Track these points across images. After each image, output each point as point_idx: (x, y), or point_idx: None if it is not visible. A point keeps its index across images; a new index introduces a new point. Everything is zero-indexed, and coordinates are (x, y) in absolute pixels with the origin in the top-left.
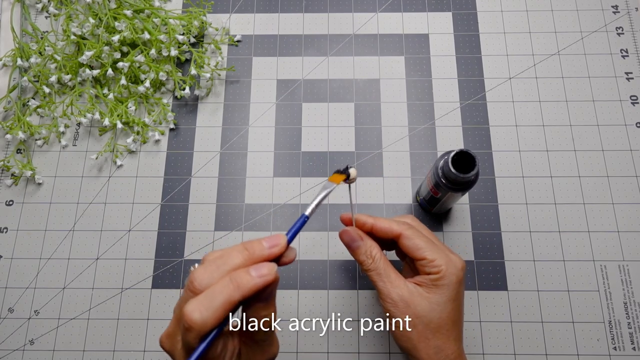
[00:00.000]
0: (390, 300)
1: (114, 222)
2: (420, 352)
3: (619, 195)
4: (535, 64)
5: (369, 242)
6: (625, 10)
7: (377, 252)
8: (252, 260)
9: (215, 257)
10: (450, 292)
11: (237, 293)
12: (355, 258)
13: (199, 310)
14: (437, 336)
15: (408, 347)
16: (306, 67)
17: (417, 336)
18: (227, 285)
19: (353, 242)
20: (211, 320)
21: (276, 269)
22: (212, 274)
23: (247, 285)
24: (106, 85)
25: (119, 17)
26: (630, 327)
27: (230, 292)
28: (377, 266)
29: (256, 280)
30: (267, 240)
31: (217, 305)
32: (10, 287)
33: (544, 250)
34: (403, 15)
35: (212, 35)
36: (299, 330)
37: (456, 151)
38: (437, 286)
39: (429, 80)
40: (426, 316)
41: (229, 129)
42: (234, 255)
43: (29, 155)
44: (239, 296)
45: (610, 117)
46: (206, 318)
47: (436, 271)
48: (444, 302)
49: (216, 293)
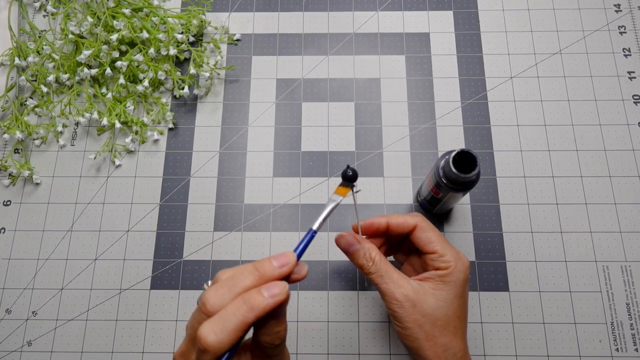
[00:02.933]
0: (395, 300)
1: (112, 223)
2: (427, 351)
3: (621, 196)
4: (536, 63)
5: (366, 244)
6: (628, 9)
7: (376, 253)
8: (262, 280)
9: (227, 277)
10: (457, 289)
11: (251, 314)
12: (354, 263)
13: (214, 333)
14: (444, 334)
15: (414, 347)
16: (306, 66)
17: (424, 335)
18: (241, 307)
19: (351, 247)
20: (226, 341)
21: (287, 288)
22: (223, 295)
23: (260, 306)
24: (104, 85)
25: (117, 16)
26: (632, 328)
27: (244, 313)
28: (379, 268)
29: (268, 301)
30: (276, 259)
31: (231, 327)
32: (8, 288)
33: (545, 251)
34: (404, 14)
35: (212, 34)
36: (299, 331)
37: (457, 151)
38: (444, 282)
39: (430, 79)
40: (433, 314)
41: (229, 129)
42: (244, 275)
43: (26, 155)
44: (253, 317)
45: (612, 116)
46: (221, 340)
47: (445, 267)
48: (450, 298)
49: (230, 315)
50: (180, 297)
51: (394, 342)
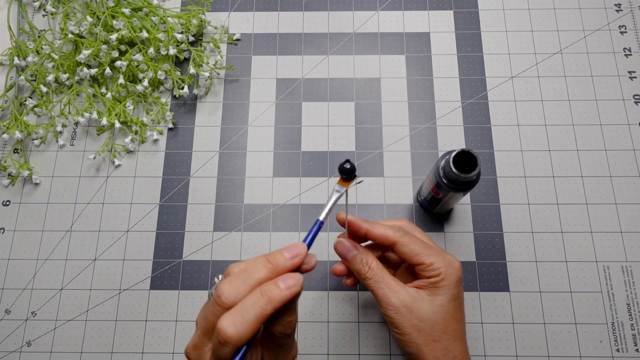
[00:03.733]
0: (391, 307)
1: (112, 223)
2: (427, 355)
3: (622, 196)
4: (537, 62)
5: (363, 250)
6: (629, 9)
7: (372, 259)
8: (276, 272)
9: (240, 270)
10: (452, 291)
11: (270, 306)
12: (351, 268)
13: (235, 325)
14: (443, 337)
15: (414, 352)
16: (306, 66)
17: (423, 340)
18: (259, 299)
19: (348, 253)
20: (246, 333)
21: (302, 279)
22: (238, 288)
23: (278, 298)
24: (104, 84)
25: (117, 16)
26: (633, 328)
27: (263, 305)
28: (375, 274)
29: (285, 293)
30: (287, 250)
31: (251, 319)
32: (7, 288)
33: (546, 251)
34: (404, 14)
35: (211, 34)
36: (300, 332)
37: (457, 151)
38: (438, 287)
39: (430, 79)
40: (431, 318)
41: (228, 129)
42: (258, 268)
43: (26, 155)
44: (271, 309)
45: (613, 116)
46: (242, 332)
47: (436, 274)
48: (446, 302)
49: (249, 307)
50: (180, 298)
51: (394, 343)
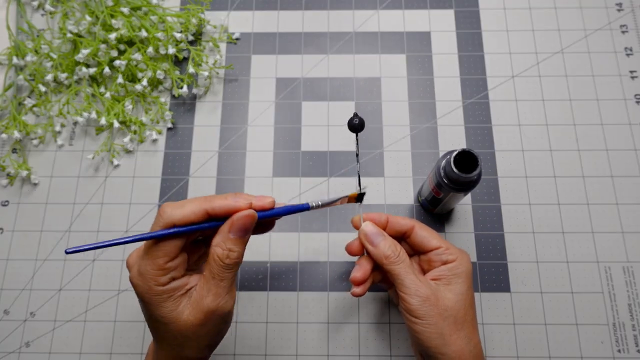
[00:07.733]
0: (419, 295)
1: (110, 223)
2: (452, 345)
3: (623, 196)
4: (538, 62)
5: (388, 237)
6: (630, 8)
7: (400, 246)
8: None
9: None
10: (467, 279)
11: (207, 204)
12: (377, 254)
13: (171, 207)
14: (465, 325)
15: (438, 344)
16: (306, 65)
17: (448, 330)
18: (199, 198)
19: (376, 237)
20: (178, 215)
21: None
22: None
23: (218, 202)
24: (103, 84)
25: (115, 15)
26: (634, 329)
27: (201, 202)
28: (405, 259)
29: (229, 201)
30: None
31: (187, 207)
32: (6, 289)
33: (547, 252)
34: (404, 13)
35: (211, 33)
36: (299, 332)
37: (458, 151)
38: (455, 275)
39: (431, 78)
40: (454, 307)
41: (228, 128)
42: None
43: (24, 154)
44: (209, 207)
45: (614, 116)
46: (176, 212)
47: (452, 258)
48: (465, 290)
49: (188, 202)
50: None
51: (394, 343)
